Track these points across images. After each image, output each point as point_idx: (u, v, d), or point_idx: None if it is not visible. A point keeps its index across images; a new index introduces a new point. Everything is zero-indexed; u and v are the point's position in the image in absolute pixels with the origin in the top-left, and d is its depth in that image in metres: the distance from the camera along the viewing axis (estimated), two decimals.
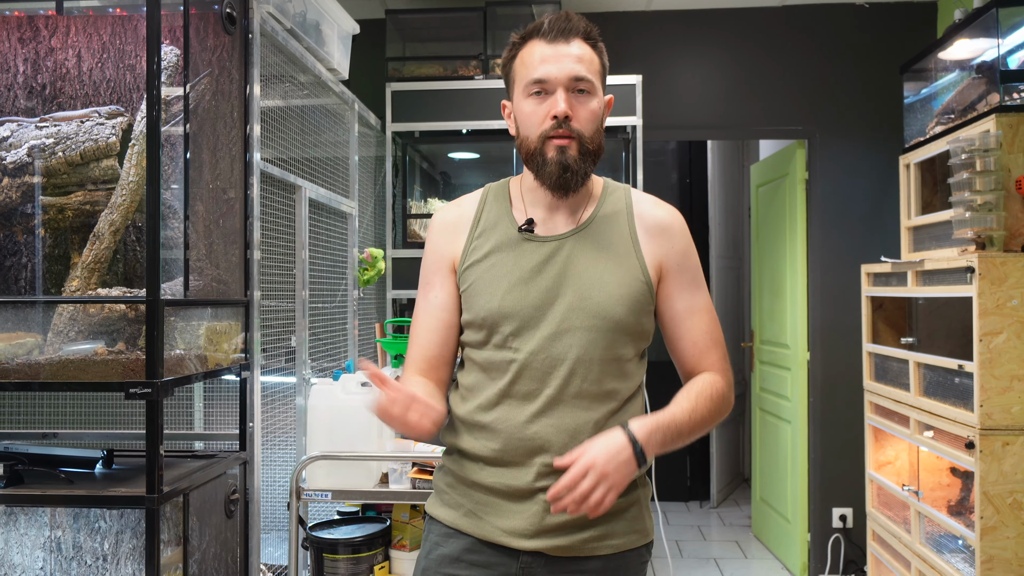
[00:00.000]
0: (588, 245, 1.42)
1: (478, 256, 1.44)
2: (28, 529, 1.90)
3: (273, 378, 2.66)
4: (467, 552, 1.41)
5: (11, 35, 2.09)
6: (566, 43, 1.39)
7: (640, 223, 1.46)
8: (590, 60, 1.40)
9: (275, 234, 2.57)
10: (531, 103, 1.40)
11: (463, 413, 1.43)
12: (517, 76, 1.43)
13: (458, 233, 1.48)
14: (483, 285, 1.41)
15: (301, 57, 2.66)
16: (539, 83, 1.38)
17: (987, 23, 2.69)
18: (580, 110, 1.39)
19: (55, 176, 1.98)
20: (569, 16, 1.40)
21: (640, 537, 1.44)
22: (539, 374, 1.36)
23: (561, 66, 1.37)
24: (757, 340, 4.98)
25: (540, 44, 1.39)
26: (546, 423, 1.36)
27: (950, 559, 2.65)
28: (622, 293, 1.39)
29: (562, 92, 1.37)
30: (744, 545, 4.74)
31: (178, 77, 1.97)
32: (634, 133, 3.58)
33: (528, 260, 1.41)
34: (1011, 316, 2.40)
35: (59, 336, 1.90)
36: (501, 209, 1.48)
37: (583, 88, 1.39)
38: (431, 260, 1.50)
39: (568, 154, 1.38)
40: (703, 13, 4.15)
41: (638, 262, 1.42)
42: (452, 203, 1.55)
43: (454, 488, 1.45)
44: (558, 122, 1.37)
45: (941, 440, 2.67)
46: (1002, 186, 2.52)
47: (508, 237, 1.44)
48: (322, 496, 2.44)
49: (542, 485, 1.36)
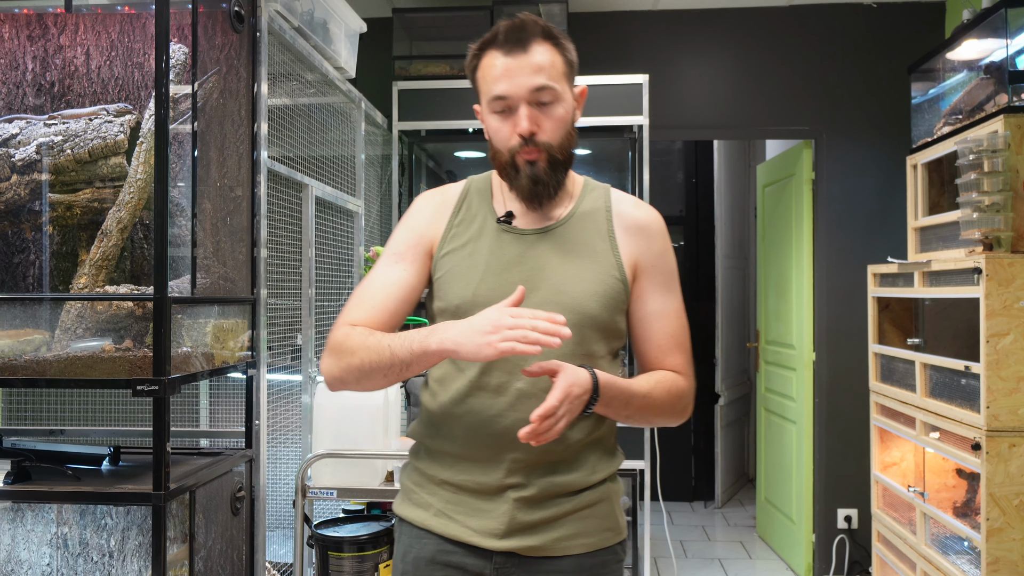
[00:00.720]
0: (565, 241, 1.42)
1: (456, 244, 1.43)
2: (35, 525, 1.91)
3: (279, 376, 2.66)
4: (440, 553, 1.40)
5: (20, 33, 2.09)
6: (524, 52, 1.35)
7: (619, 221, 1.45)
8: (551, 65, 1.36)
9: (282, 232, 2.57)
10: (496, 120, 1.39)
11: (434, 407, 1.42)
12: (480, 88, 1.42)
13: (439, 216, 1.47)
14: (459, 273, 1.40)
15: (308, 55, 2.67)
16: (500, 100, 1.36)
17: (996, 23, 2.68)
18: (545, 122, 1.37)
19: (63, 173, 1.99)
20: (524, 23, 1.36)
21: (614, 535, 1.44)
22: (510, 366, 1.34)
23: (519, 81, 1.34)
24: (763, 340, 4.98)
25: (498, 55, 1.36)
26: (516, 417, 1.33)
27: (956, 561, 2.65)
28: (596, 289, 1.38)
29: (524, 108, 1.35)
30: (749, 546, 4.73)
31: (186, 75, 1.97)
32: (640, 133, 3.58)
33: (505, 252, 1.41)
34: (1018, 317, 2.40)
35: (67, 333, 1.91)
36: (482, 200, 1.48)
37: (545, 99, 1.36)
38: (409, 234, 1.47)
39: (538, 167, 1.37)
40: (710, 13, 4.15)
41: (614, 259, 1.42)
42: (436, 189, 1.54)
43: (422, 487, 1.44)
44: (524, 140, 1.36)
45: (947, 441, 2.66)
46: (1010, 187, 2.51)
47: (487, 227, 1.44)
48: (327, 494, 2.44)
49: (512, 482, 1.35)
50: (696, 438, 5.60)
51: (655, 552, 4.36)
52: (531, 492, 1.35)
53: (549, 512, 1.37)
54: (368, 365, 1.31)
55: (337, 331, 1.38)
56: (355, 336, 1.34)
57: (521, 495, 1.35)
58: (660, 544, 4.45)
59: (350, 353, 1.33)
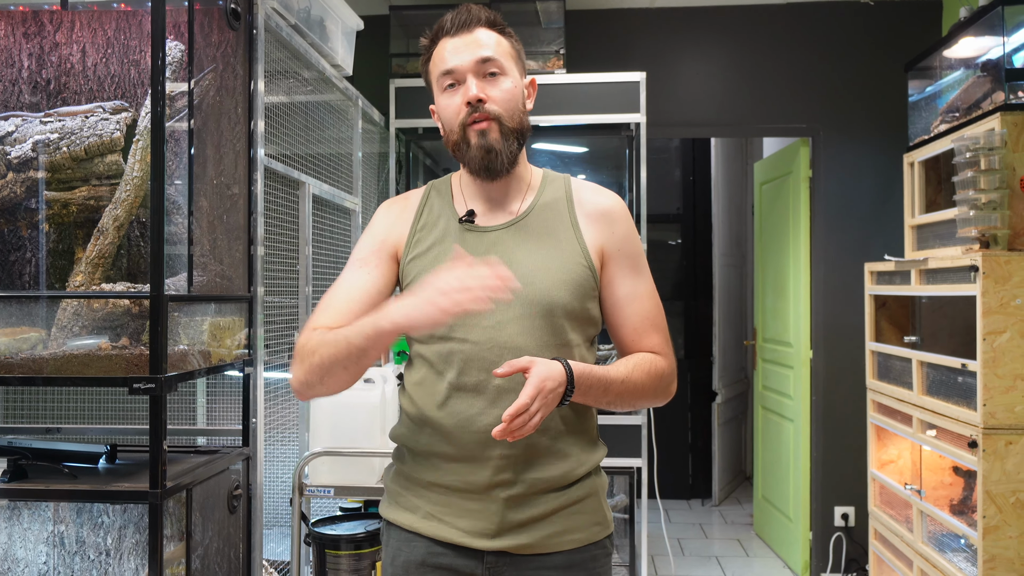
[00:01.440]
0: (528, 233, 1.43)
1: (421, 249, 1.44)
2: (31, 524, 1.90)
3: (276, 374, 2.66)
4: (430, 556, 1.40)
5: (16, 30, 2.09)
6: (469, 33, 1.40)
7: (580, 209, 1.46)
8: (496, 43, 1.41)
9: (279, 230, 2.57)
10: (446, 97, 1.42)
11: (414, 411, 1.42)
12: (432, 76, 1.44)
13: (401, 223, 1.49)
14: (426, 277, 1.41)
15: (305, 53, 2.66)
16: (448, 74, 1.40)
17: (992, 21, 2.68)
18: (493, 91, 1.39)
19: (59, 171, 1.98)
20: (470, 8, 1.42)
21: (602, 529, 1.45)
22: (486, 363, 1.35)
23: (464, 56, 1.39)
24: (760, 338, 4.98)
25: (445, 41, 1.41)
26: (497, 413, 1.33)
27: (952, 558, 2.65)
28: (564, 278, 1.39)
29: (472, 79, 1.38)
30: (746, 543, 4.74)
31: (182, 73, 1.97)
32: (638, 130, 3.58)
33: (470, 251, 1.41)
34: (1015, 315, 2.40)
35: (63, 331, 1.91)
36: (443, 203, 1.49)
37: (492, 70, 1.39)
38: (371, 240, 1.48)
39: (490, 137, 1.38)
40: (707, 10, 4.15)
41: (580, 248, 1.42)
42: (398, 196, 1.56)
43: (408, 490, 1.44)
44: (472, 107, 1.38)
45: (944, 439, 2.67)
46: (1006, 185, 2.52)
47: (449, 229, 1.45)
48: (325, 492, 2.44)
49: (500, 480, 1.36)
50: (693, 436, 5.60)
51: (652, 550, 4.36)
52: (520, 490, 1.36)
53: (539, 509, 1.37)
54: (328, 360, 1.31)
55: (302, 336, 1.39)
56: (315, 337, 1.35)
57: (510, 493, 1.36)
58: (657, 542, 4.45)
59: (311, 353, 1.34)
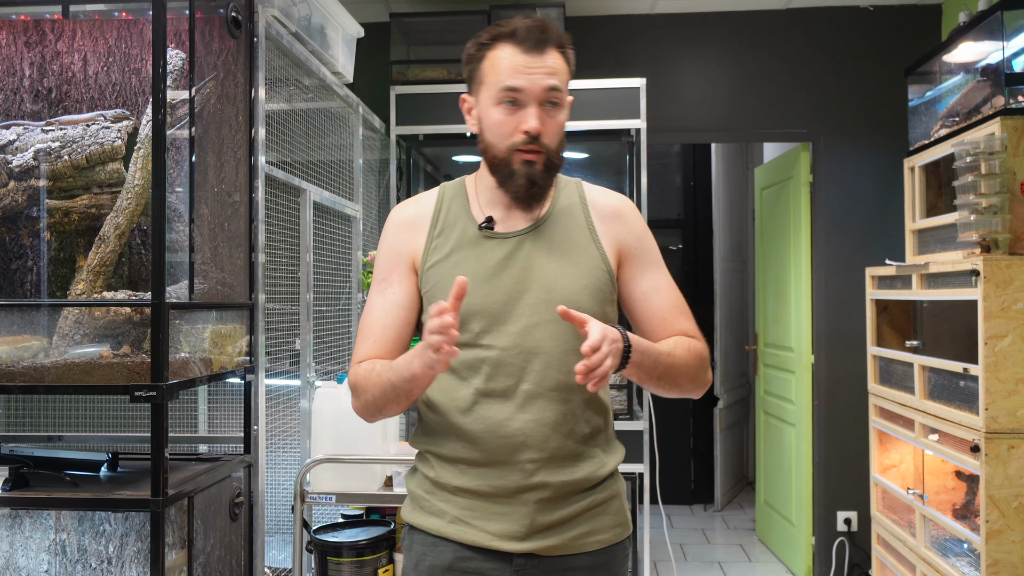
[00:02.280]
0: (548, 239, 1.43)
1: (440, 256, 1.44)
2: (33, 532, 1.90)
3: (277, 381, 2.66)
4: (458, 560, 1.40)
5: (17, 39, 2.09)
6: (541, 53, 1.38)
7: (595, 212, 1.48)
8: (563, 70, 1.41)
9: (280, 237, 2.57)
10: (501, 112, 1.39)
11: (436, 418, 1.43)
12: (485, 78, 1.42)
13: (417, 231, 1.48)
14: (446, 285, 1.40)
15: (306, 60, 2.67)
16: (512, 91, 1.37)
17: (992, 26, 2.68)
18: (550, 125, 1.40)
19: (61, 179, 1.99)
20: (545, 26, 1.39)
21: (624, 530, 1.48)
22: (514, 369, 1.36)
23: (535, 80, 1.37)
24: (761, 343, 4.98)
25: (514, 51, 1.38)
26: (526, 419, 1.36)
27: (955, 563, 2.64)
28: (586, 283, 1.40)
29: (535, 108, 1.37)
30: (748, 549, 4.73)
31: (183, 81, 1.98)
32: (638, 136, 3.58)
33: (490, 257, 1.41)
34: (1016, 319, 2.40)
35: (64, 339, 1.91)
36: (459, 208, 1.48)
37: (554, 100, 1.39)
38: (389, 257, 1.48)
39: (536, 169, 1.39)
40: (707, 16, 4.15)
41: (598, 252, 1.44)
42: (409, 200, 1.54)
43: (434, 495, 1.44)
44: (529, 138, 1.37)
45: (946, 443, 2.66)
46: (1007, 189, 2.52)
47: (468, 235, 1.44)
48: (326, 499, 2.44)
49: (531, 483, 1.36)
50: (695, 441, 5.59)
51: (655, 555, 4.35)
52: (549, 492, 1.37)
53: (567, 511, 1.39)
54: (379, 399, 1.38)
55: (351, 371, 1.45)
56: (361, 373, 1.41)
57: (540, 496, 1.37)
58: (660, 547, 4.44)
59: (363, 391, 1.40)
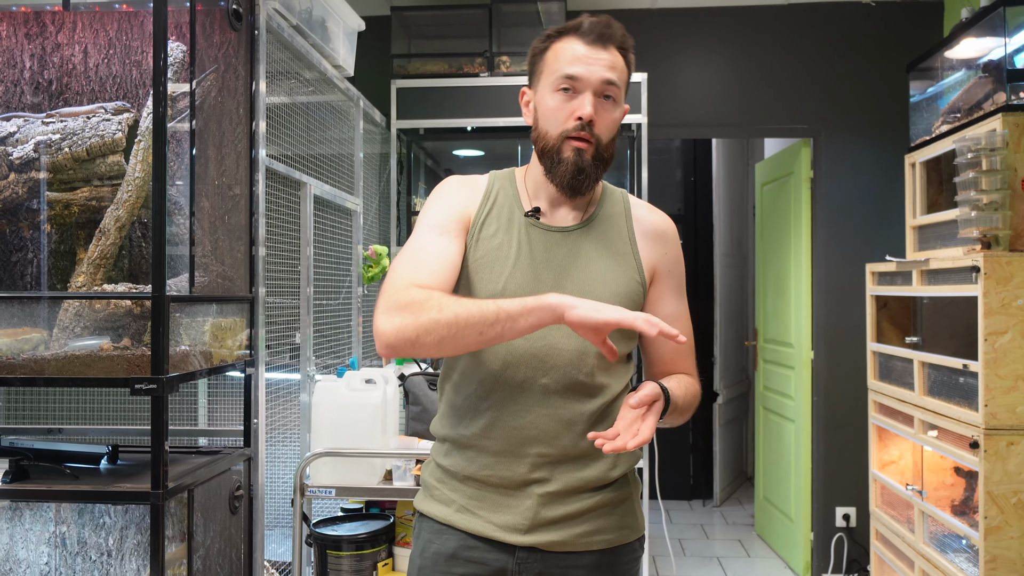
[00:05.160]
0: (592, 241, 1.44)
1: (488, 232, 1.43)
2: (33, 524, 1.90)
3: (277, 375, 2.66)
4: (462, 548, 1.41)
5: (18, 30, 2.09)
6: (603, 48, 1.39)
7: (638, 226, 1.48)
8: (621, 69, 1.41)
9: (280, 231, 2.57)
10: (557, 98, 1.39)
11: (455, 401, 1.43)
12: (546, 68, 1.42)
13: (472, 200, 1.46)
14: (487, 264, 1.40)
15: (307, 54, 2.66)
16: (570, 79, 1.38)
17: (994, 22, 2.68)
18: (604, 116, 1.39)
19: (61, 172, 1.99)
20: (611, 23, 1.41)
21: (632, 532, 1.46)
22: (536, 361, 1.36)
23: (594, 69, 1.37)
24: (761, 339, 4.98)
25: (577, 42, 1.39)
26: (541, 413, 1.36)
27: (954, 559, 2.65)
28: (620, 291, 1.41)
29: (590, 95, 1.37)
30: (747, 544, 4.74)
31: (184, 73, 1.97)
32: (639, 131, 3.58)
33: (534, 247, 1.41)
34: (1016, 316, 2.40)
35: (64, 332, 1.91)
36: (509, 193, 1.48)
37: (610, 94, 1.39)
38: (448, 210, 1.43)
39: (584, 157, 1.38)
40: (709, 11, 4.15)
41: (635, 263, 1.45)
42: (461, 176, 1.53)
43: (444, 483, 1.45)
44: (581, 124, 1.37)
45: (945, 440, 2.67)
46: (1008, 185, 2.52)
47: (515, 221, 1.44)
48: (326, 493, 2.44)
49: (536, 477, 1.37)
50: (695, 436, 5.60)
51: (654, 551, 4.36)
52: (555, 487, 1.37)
53: (572, 507, 1.38)
54: (463, 320, 1.20)
55: (408, 291, 1.27)
56: (438, 295, 1.25)
57: (545, 490, 1.37)
58: (659, 543, 4.45)
59: (436, 309, 1.22)
